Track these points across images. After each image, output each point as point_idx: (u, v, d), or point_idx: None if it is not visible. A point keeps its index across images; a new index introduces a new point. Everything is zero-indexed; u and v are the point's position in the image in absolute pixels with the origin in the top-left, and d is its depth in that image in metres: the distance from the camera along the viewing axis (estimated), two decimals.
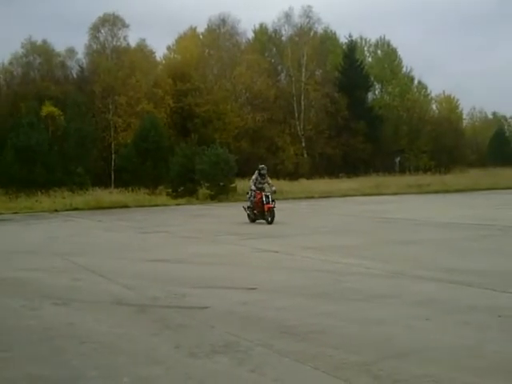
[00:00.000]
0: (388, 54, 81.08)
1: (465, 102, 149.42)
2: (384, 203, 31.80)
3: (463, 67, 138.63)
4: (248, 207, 23.47)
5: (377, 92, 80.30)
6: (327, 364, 6.20)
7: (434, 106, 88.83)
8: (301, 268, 12.47)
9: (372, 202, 32.61)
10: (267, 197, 22.32)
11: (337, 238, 17.46)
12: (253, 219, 23.08)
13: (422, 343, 6.85)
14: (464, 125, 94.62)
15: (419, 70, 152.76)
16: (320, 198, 37.23)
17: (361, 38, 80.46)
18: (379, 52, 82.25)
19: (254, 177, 23.39)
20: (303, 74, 66.43)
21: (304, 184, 45.14)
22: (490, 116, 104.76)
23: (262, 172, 23.33)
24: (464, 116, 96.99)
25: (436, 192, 40.75)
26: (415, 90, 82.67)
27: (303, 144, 65.30)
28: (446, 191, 41.09)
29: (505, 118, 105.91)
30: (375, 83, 78.38)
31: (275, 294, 9.84)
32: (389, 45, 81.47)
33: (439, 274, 11.08)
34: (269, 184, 23.30)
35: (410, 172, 60.75)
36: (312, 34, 70.19)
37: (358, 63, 72.27)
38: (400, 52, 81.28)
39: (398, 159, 64.27)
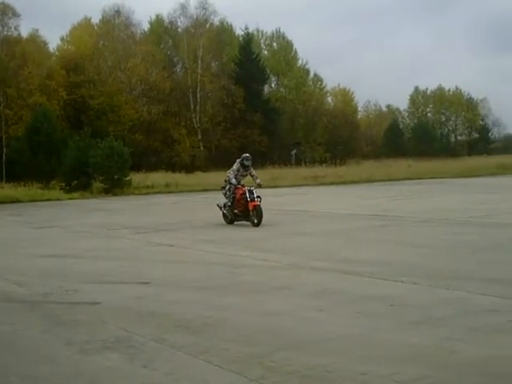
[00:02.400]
0: (283, 47, 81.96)
1: (360, 94, 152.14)
2: (281, 195, 32.01)
3: (359, 60, 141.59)
4: (225, 206, 19.45)
5: (273, 84, 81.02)
6: (220, 357, 6.12)
7: (329, 99, 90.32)
8: (196, 261, 12.37)
9: (269, 195, 32.70)
10: (251, 192, 18.47)
11: (232, 231, 17.48)
12: (231, 220, 19.26)
13: (315, 334, 6.85)
14: (359, 117, 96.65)
15: (315, 62, 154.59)
16: (216, 190, 37.03)
17: (257, 31, 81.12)
18: (275, 45, 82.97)
19: (234, 167, 19.32)
20: (199, 66, 66.36)
21: (200, 177, 45.01)
22: (385, 109, 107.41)
23: (246, 163, 19.26)
24: (359, 108, 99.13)
25: (332, 184, 41.36)
26: (311, 82, 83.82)
27: (199, 136, 65.28)
28: (342, 183, 41.76)
29: (399, 110, 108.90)
30: (271, 76, 79.03)
31: (169, 287, 9.71)
32: (284, 37, 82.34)
33: (334, 265, 11.17)
34: (252, 176, 19.51)
35: (306, 164, 61.65)
36: (208, 25, 70.26)
37: (255, 56, 72.68)
38: (296, 45, 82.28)
39: (294, 151, 64.96)
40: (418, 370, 5.64)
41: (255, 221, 18.12)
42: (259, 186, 19.04)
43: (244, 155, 19.50)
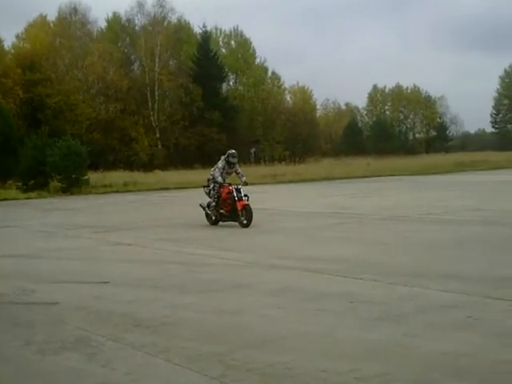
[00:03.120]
0: (242, 45, 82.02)
1: (319, 93, 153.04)
2: None
3: (318, 58, 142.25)
4: (209, 206, 18.35)
5: (231, 82, 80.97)
6: (180, 356, 6.09)
7: (288, 97, 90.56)
8: (155, 260, 12.30)
9: None
10: (239, 191, 17.52)
11: (192, 230, 17.40)
12: (216, 220, 18.20)
13: (275, 332, 6.85)
14: (318, 115, 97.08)
15: (274, 60, 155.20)
16: (175, 189, 37.00)
17: (215, 29, 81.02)
18: (233, 43, 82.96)
19: (219, 165, 18.14)
20: (157, 64, 66.10)
21: (159, 175, 44.78)
22: (343, 107, 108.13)
23: (232, 160, 18.18)
24: (318, 107, 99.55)
25: (291, 182, 41.40)
26: (269, 80, 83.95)
27: (157, 135, 65.03)
28: (301, 181, 41.81)
29: (357, 108, 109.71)
30: (230, 74, 78.96)
31: (128, 287, 9.64)
32: (242, 35, 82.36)
33: (294, 263, 11.20)
34: (238, 174, 18.52)
35: (265, 162, 61.60)
36: (166, 23, 70.05)
37: (213, 54, 72.55)
38: (254, 43, 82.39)
39: (253, 149, 65.05)
40: (377, 366, 5.67)
41: (244, 221, 17.11)
42: (245, 184, 18.18)
43: (230, 152, 18.45)
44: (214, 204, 18.10)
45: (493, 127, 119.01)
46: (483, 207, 19.82)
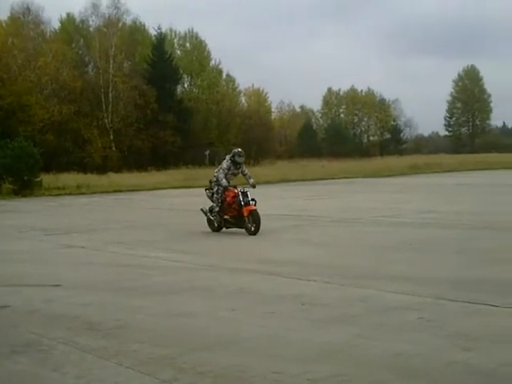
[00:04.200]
0: (196, 47, 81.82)
1: (274, 95, 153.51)
2: (194, 196, 31.87)
3: (273, 61, 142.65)
4: (211, 211, 16.80)
5: (186, 85, 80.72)
6: (132, 359, 6.05)
7: (243, 100, 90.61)
8: (107, 263, 12.20)
9: (183, 195, 32.65)
10: (245, 195, 16.14)
11: (146, 233, 17.26)
12: (219, 227, 16.68)
13: (229, 334, 6.84)
14: (273, 118, 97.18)
15: (229, 63, 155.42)
16: (129, 191, 36.74)
17: (170, 30, 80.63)
18: (188, 45, 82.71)
19: (224, 165, 16.57)
20: (111, 66, 65.46)
21: (112, 178, 44.39)
22: (298, 109, 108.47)
23: (238, 160, 16.61)
24: (273, 109, 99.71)
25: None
26: (224, 83, 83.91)
27: (111, 137, 64.44)
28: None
29: (312, 111, 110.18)
30: (184, 76, 78.68)
31: (80, 290, 9.55)
32: (197, 37, 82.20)
33: (250, 266, 11.23)
34: (245, 175, 17.01)
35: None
36: (120, 25, 69.43)
37: (167, 55, 72.16)
38: (209, 45, 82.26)
39: (207, 152, 64.73)
40: (329, 367, 5.69)
41: (252, 228, 15.62)
42: (253, 186, 16.67)
43: (235, 150, 16.84)
44: (217, 209, 16.54)
45: (446, 130, 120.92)
46: (436, 209, 20.03)
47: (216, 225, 16.70)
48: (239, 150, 16.92)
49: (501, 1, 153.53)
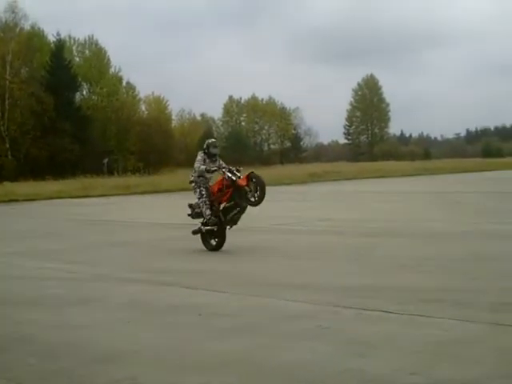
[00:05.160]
0: (96, 54, 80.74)
1: (175, 103, 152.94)
2: (92, 205, 31.48)
3: (174, 69, 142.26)
4: (205, 223, 14.20)
5: (85, 92, 79.54)
6: (25, 373, 5.91)
7: (143, 107, 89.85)
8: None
9: (81, 205, 32.16)
10: (231, 171, 13.94)
11: (40, 243, 16.79)
12: (219, 236, 14.11)
13: (123, 346, 6.71)
14: (173, 126, 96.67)
15: (130, 70, 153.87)
16: (25, 201, 35.87)
17: (69, 37, 79.30)
18: (87, 52, 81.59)
19: (198, 158, 14.38)
20: (8, 72, 63.96)
21: (7, 187, 43.23)
22: (199, 117, 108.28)
23: (213, 151, 14.49)
24: (173, 117, 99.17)
25: (145, 193, 40.89)
26: (124, 90, 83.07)
27: (7, 145, 62.88)
28: (155, 192, 41.38)
29: (213, 119, 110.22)
30: (83, 83, 77.51)
31: None
32: (97, 44, 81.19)
33: (144, 276, 11.09)
34: (223, 169, 14.24)
35: (119, 173, 60.71)
36: (18, 30, 67.88)
37: (66, 62, 70.99)
38: (109, 52, 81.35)
39: (106, 160, 63.85)
40: (228, 378, 5.65)
41: (257, 194, 13.65)
42: (238, 171, 14.02)
43: (209, 141, 14.84)
44: (208, 211, 14.02)
45: (346, 139, 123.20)
46: (335, 217, 20.32)
47: (213, 242, 14.21)
48: (213, 139, 15.21)
49: (397, 13, 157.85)
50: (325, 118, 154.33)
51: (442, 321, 7.36)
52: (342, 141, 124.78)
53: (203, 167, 14.10)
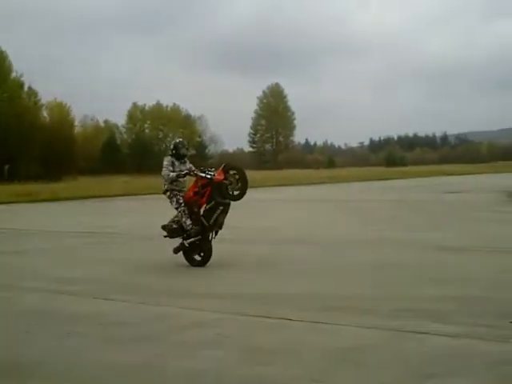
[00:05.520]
0: None
1: (79, 109, 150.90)
2: None
3: (78, 75, 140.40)
4: (186, 236, 12.58)
5: None
6: None
7: (45, 113, 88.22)
8: None
9: None
10: (203, 171, 12.62)
11: None
12: (206, 247, 12.54)
13: (23, 358, 6.58)
14: (76, 132, 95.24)
15: (33, 75, 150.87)
16: None
17: None
18: None
19: (165, 163, 12.87)
20: None
21: None
22: (103, 124, 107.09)
23: (183, 152, 12.99)
24: (76, 123, 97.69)
25: (46, 201, 40.07)
26: (25, 96, 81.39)
27: None
28: (57, 199, 40.57)
29: (116, 126, 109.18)
30: None
31: None
32: None
33: (44, 285, 10.89)
34: (193, 171, 12.82)
35: (20, 180, 59.31)
36: None
37: None
38: (11, 56, 79.59)
39: (6, 167, 62.40)
40: None
41: (239, 185, 12.44)
42: (210, 170, 12.75)
43: (175, 140, 13.28)
44: (188, 221, 12.53)
45: (251, 147, 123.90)
46: (241, 225, 20.30)
47: (197, 258, 12.70)
48: (180, 139, 13.50)
49: (306, 23, 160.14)
50: (230, 125, 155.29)
51: (345, 328, 7.49)
52: (247, 149, 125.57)
53: (173, 174, 12.61)
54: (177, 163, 12.78)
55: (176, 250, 12.73)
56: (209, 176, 12.35)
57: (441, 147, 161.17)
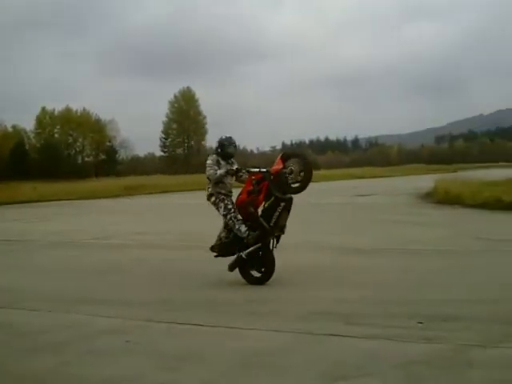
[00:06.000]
0: None
1: None
2: None
3: None
4: (244, 246, 10.63)
5: None
6: None
7: None
8: None
9: None
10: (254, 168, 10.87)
11: None
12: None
13: None
14: None
15: None
16: None
17: None
18: None
19: (209, 162, 10.91)
20: None
21: None
22: (10, 129, 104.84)
23: (230, 150, 11.09)
24: None
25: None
26: None
27: None
28: None
29: (25, 130, 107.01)
30: None
31: None
32: None
33: None
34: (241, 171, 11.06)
35: None
36: None
37: None
38: None
39: None
40: None
41: (301, 174, 10.44)
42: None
43: (222, 137, 11.14)
44: (239, 221, 10.73)
45: (162, 151, 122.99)
46: (150, 230, 20.32)
47: (256, 274, 10.78)
48: (227, 135, 11.18)
49: (220, 28, 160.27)
50: (142, 130, 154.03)
51: (255, 332, 7.57)
52: (159, 153, 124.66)
53: (221, 171, 10.79)
54: (223, 163, 10.96)
55: (231, 267, 10.77)
56: (264, 169, 10.69)
57: (352, 151, 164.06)
